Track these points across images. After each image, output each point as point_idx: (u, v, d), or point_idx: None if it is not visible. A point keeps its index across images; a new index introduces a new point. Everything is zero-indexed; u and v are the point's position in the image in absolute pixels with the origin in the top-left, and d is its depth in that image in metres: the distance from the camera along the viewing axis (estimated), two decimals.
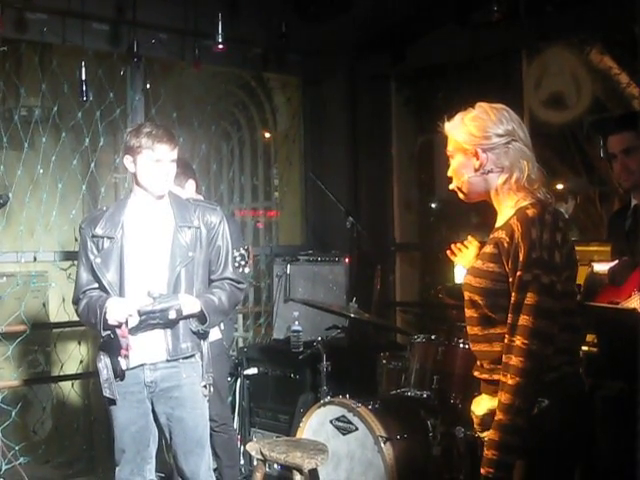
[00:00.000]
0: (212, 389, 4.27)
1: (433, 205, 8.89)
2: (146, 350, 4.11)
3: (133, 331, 4.03)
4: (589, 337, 3.45)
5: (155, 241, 4.17)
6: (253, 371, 6.45)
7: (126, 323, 3.96)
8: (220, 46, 6.12)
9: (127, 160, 4.18)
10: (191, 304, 4.09)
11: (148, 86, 6.36)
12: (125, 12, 5.98)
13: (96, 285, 4.17)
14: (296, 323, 6.37)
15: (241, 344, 7.28)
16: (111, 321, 3.96)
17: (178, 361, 4.15)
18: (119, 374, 4.11)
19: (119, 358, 4.06)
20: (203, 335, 4.21)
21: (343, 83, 7.54)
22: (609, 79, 8.15)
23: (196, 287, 4.18)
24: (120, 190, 6.67)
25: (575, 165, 9.40)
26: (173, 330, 4.10)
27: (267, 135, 8.20)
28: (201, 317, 4.13)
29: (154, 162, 4.09)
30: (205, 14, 6.18)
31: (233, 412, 6.30)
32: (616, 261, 3.75)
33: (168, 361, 4.13)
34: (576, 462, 3.11)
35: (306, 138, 7.69)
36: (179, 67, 6.94)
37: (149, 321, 4.03)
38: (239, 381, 6.45)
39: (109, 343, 4.09)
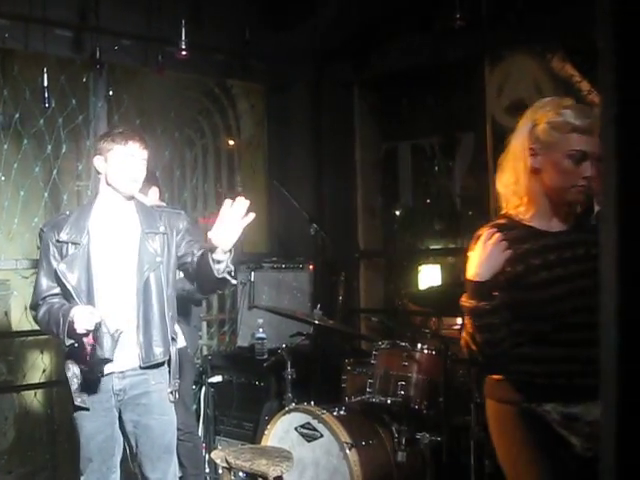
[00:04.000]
0: (177, 395, 4.24)
1: (397, 212, 8.91)
2: (117, 359, 4.06)
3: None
4: None
5: (122, 247, 4.13)
6: (218, 379, 6.43)
7: (94, 331, 3.91)
8: (183, 53, 6.10)
9: (98, 160, 4.14)
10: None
11: (111, 93, 6.33)
12: (88, 18, 5.95)
13: (56, 291, 4.12)
14: (260, 330, 6.35)
15: (205, 352, 7.24)
16: (80, 330, 3.88)
17: (148, 368, 4.12)
18: (90, 382, 4.07)
19: (85, 364, 4.01)
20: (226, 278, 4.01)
21: (307, 90, 7.53)
22: (571, 87, 8.22)
23: (166, 292, 4.15)
24: (83, 197, 6.61)
25: None
26: (145, 336, 4.07)
27: (231, 142, 8.18)
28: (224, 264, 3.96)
29: (127, 157, 4.08)
30: (169, 21, 6.17)
31: (198, 420, 6.27)
32: None
33: (140, 368, 4.10)
34: None
35: (270, 145, 7.68)
36: (142, 74, 6.89)
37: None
38: (204, 389, 6.42)
39: (76, 351, 4.04)
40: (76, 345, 3.99)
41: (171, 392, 4.19)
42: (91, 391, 4.09)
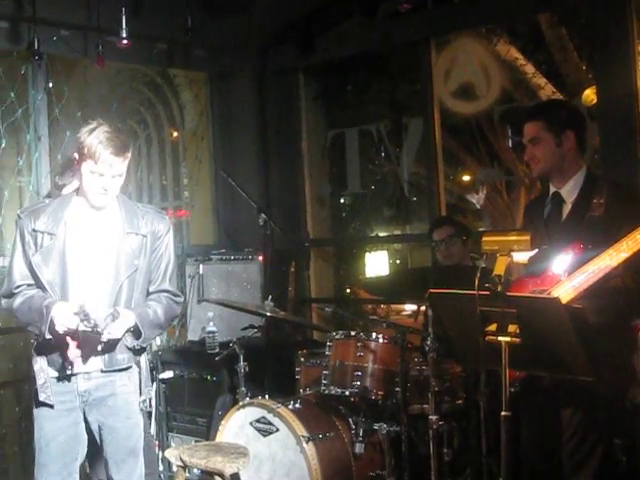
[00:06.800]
0: (151, 403, 4.16)
1: (345, 199, 8.89)
2: (82, 359, 3.95)
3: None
4: (511, 328, 3.42)
5: (100, 244, 4.01)
6: (168, 374, 6.33)
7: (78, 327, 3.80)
8: (124, 42, 5.96)
9: (76, 156, 3.96)
10: (125, 318, 3.93)
11: (51, 85, 6.21)
12: (25, 8, 5.79)
13: (31, 281, 3.99)
14: (211, 324, 6.29)
15: (155, 347, 7.11)
16: (61, 328, 3.78)
17: (113, 371, 4.03)
18: (55, 381, 3.96)
19: (64, 361, 3.91)
20: (139, 351, 4.09)
21: (251, 78, 7.45)
22: (516, 70, 8.29)
23: (135, 297, 4.04)
24: (25, 194, 6.45)
25: (481, 156, 9.55)
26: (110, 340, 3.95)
27: (175, 133, 8.07)
28: (136, 331, 3.99)
29: (95, 174, 3.89)
30: (108, 9, 6.01)
31: (150, 417, 6.15)
32: (536, 250, 3.73)
33: (103, 371, 4.00)
34: None
35: (215, 135, 7.58)
36: (83, 64, 6.74)
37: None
38: (154, 385, 6.29)
39: (45, 346, 3.93)
40: (52, 342, 3.88)
41: (143, 401, 4.13)
42: (56, 390, 3.97)
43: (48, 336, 3.86)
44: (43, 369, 3.97)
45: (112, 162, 3.88)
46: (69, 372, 3.95)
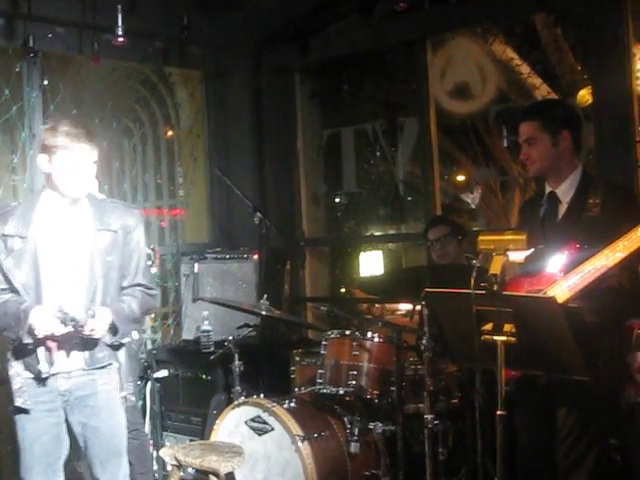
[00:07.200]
0: (134, 398, 4.15)
1: (340, 199, 8.89)
2: (61, 358, 3.94)
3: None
4: (507, 327, 3.41)
5: (72, 243, 3.98)
6: (163, 373, 6.32)
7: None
8: (120, 40, 5.95)
9: (42, 159, 3.92)
10: (102, 316, 3.92)
11: (46, 82, 6.19)
12: (20, 5, 5.77)
13: (5, 286, 3.95)
14: (206, 323, 6.28)
15: (150, 346, 7.10)
16: (40, 332, 3.77)
17: (94, 369, 4.01)
18: (35, 382, 3.94)
19: (41, 364, 3.90)
20: (117, 347, 4.08)
21: (247, 76, 7.44)
22: (511, 70, 8.30)
23: (110, 293, 4.03)
24: (19, 192, 6.44)
25: (476, 156, 9.56)
26: (89, 339, 3.94)
27: (170, 132, 8.05)
28: (112, 328, 3.98)
29: (71, 163, 3.88)
30: (104, 6, 6.00)
31: (144, 416, 6.14)
32: (532, 249, 3.73)
33: (84, 370, 3.99)
34: None
35: (210, 134, 7.57)
36: (78, 62, 6.72)
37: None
38: (149, 384, 6.29)
39: (22, 350, 3.91)
40: (30, 346, 3.87)
41: (124, 397, 4.10)
42: (36, 391, 3.95)
43: (27, 340, 3.85)
44: (19, 373, 3.95)
45: (85, 149, 3.90)
46: (45, 375, 3.93)
